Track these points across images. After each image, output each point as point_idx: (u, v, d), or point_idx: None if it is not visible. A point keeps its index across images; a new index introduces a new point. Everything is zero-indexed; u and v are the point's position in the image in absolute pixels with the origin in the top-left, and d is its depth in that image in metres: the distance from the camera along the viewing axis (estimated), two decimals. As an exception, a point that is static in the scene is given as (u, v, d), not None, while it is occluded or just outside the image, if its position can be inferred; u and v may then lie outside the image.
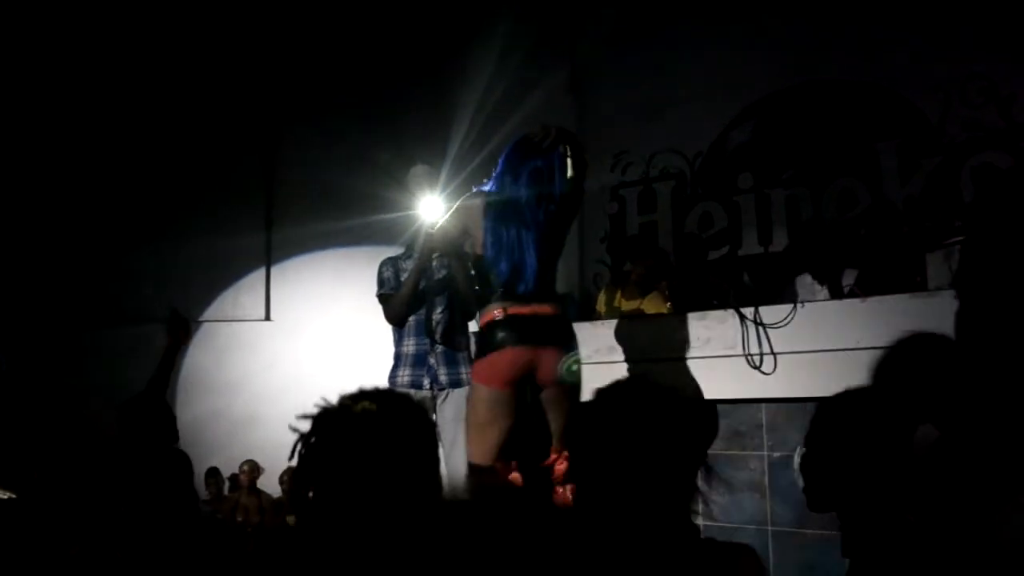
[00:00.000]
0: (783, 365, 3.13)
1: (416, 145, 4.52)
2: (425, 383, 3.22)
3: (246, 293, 5.21)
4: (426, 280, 3.29)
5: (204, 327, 5.00)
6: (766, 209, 4.59)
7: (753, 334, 3.19)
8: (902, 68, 4.16)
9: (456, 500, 1.26)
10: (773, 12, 4.56)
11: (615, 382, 1.41)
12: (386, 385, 2.87)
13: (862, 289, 3.44)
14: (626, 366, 3.37)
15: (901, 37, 4.15)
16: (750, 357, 3.18)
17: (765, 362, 3.17)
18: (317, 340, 5.02)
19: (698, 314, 3.39)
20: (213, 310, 5.14)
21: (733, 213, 4.71)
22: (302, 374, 4.64)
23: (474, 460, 2.58)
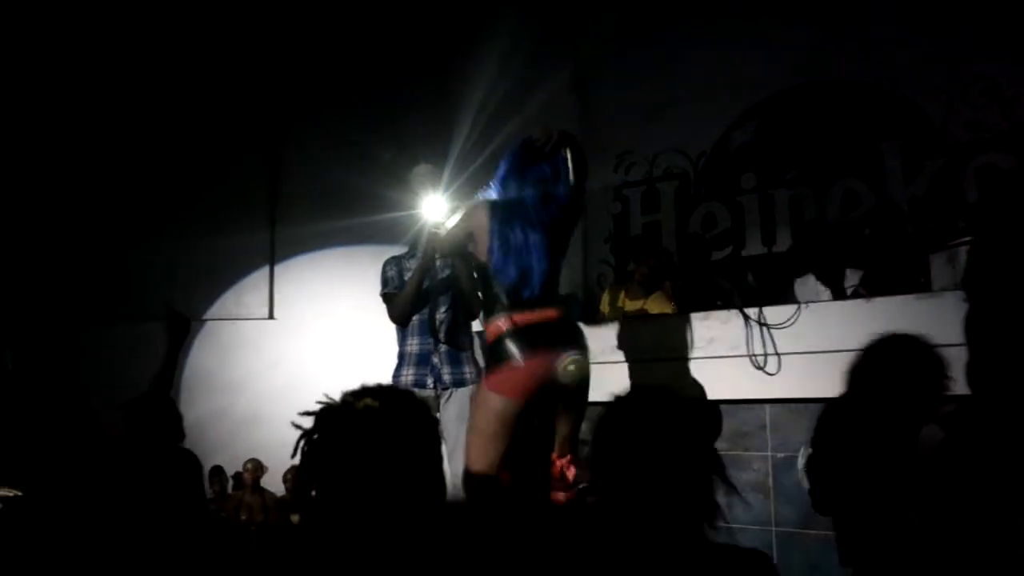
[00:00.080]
0: (787, 366, 3.13)
1: (419, 144, 4.52)
2: (429, 382, 3.22)
3: (250, 292, 5.22)
4: (430, 279, 3.28)
5: (208, 325, 5.01)
6: (770, 209, 4.58)
7: (757, 334, 3.20)
8: (905, 68, 4.16)
9: (458, 501, 1.26)
10: (776, 12, 4.55)
11: (632, 387, 1.40)
12: (389, 383, 2.85)
13: (866, 290, 3.44)
14: (629, 366, 3.36)
15: (904, 37, 4.15)
16: (754, 357, 3.18)
17: (769, 363, 3.17)
18: (321, 339, 5.02)
19: (702, 314, 3.40)
20: (217, 309, 5.15)
21: (737, 213, 4.71)
22: (306, 372, 4.65)
23: (475, 469, 2.49)
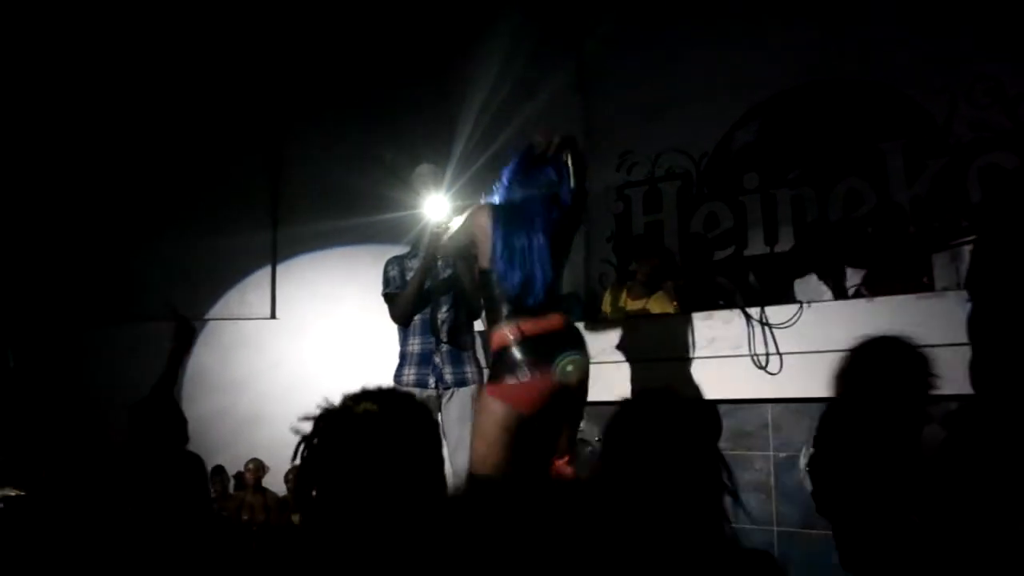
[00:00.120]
0: (789, 365, 3.13)
1: (421, 144, 4.51)
2: (430, 382, 3.22)
3: (252, 291, 5.22)
4: (431, 279, 3.28)
5: (210, 325, 5.01)
6: (772, 209, 4.58)
7: (759, 334, 3.19)
8: (907, 68, 4.15)
9: (459, 500, 1.26)
10: (776, 12, 4.55)
11: (637, 388, 1.40)
12: (391, 384, 2.85)
13: (868, 290, 3.44)
14: (631, 366, 3.35)
15: (905, 37, 4.14)
16: (756, 357, 3.18)
17: (771, 362, 3.17)
18: (323, 338, 5.02)
19: (704, 314, 3.39)
20: (219, 308, 5.14)
21: (739, 213, 4.70)
22: (308, 372, 4.65)
23: (478, 471, 2.49)
